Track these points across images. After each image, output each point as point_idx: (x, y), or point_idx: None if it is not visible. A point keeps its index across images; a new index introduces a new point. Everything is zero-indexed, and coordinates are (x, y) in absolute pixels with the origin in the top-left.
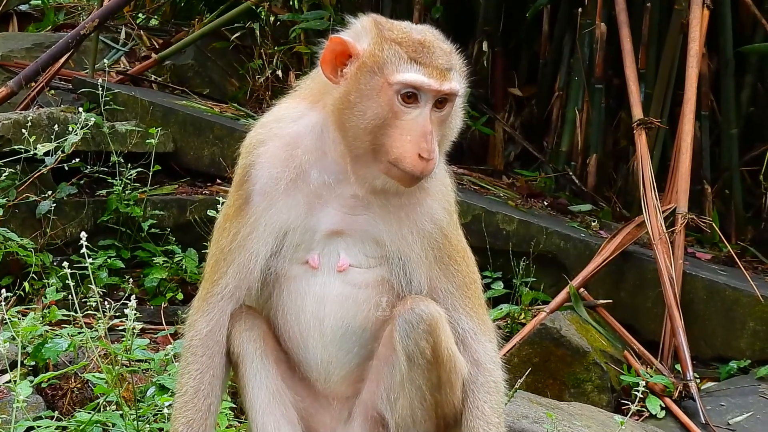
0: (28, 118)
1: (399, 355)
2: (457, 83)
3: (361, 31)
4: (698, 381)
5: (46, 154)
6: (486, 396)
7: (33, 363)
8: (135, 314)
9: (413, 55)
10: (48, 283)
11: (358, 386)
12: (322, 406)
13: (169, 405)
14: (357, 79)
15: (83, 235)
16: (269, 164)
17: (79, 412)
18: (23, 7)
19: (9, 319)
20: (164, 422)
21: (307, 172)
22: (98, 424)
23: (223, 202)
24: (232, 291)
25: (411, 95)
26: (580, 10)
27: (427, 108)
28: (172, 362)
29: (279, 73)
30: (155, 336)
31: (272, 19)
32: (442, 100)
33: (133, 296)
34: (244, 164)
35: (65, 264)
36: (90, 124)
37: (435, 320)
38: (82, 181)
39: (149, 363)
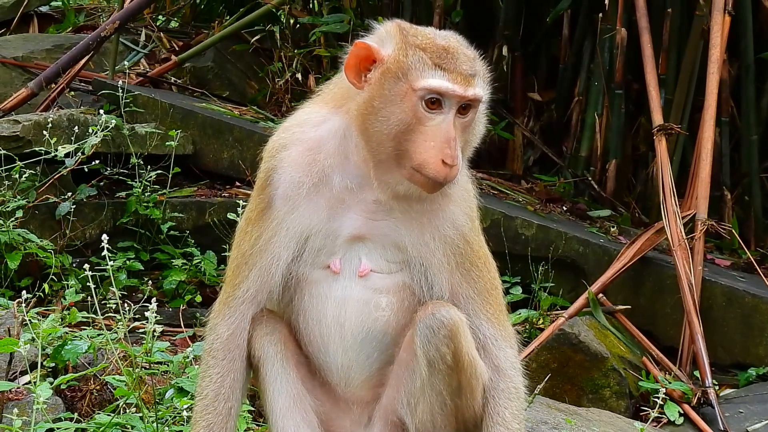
0: (49, 120)
1: (420, 360)
2: (481, 89)
3: (385, 36)
4: (717, 388)
5: (66, 155)
6: (507, 402)
7: (53, 365)
8: (155, 317)
9: (437, 61)
10: (67, 285)
11: (378, 391)
12: (342, 411)
13: (189, 407)
14: (381, 85)
15: (104, 237)
16: (292, 168)
17: (99, 414)
18: (44, 9)
19: (29, 320)
20: (183, 425)
21: (330, 176)
22: (117, 427)
23: (243, 205)
24: (254, 295)
25: (435, 101)
26: (600, 14)
27: (451, 114)
28: (191, 365)
29: (299, 76)
30: (174, 338)
31: (292, 22)
32: (465, 106)
33: (153, 298)
34: (266, 168)
35: (85, 266)
36: (110, 126)
37: (456, 326)
38: (101, 183)
39: (168, 365)
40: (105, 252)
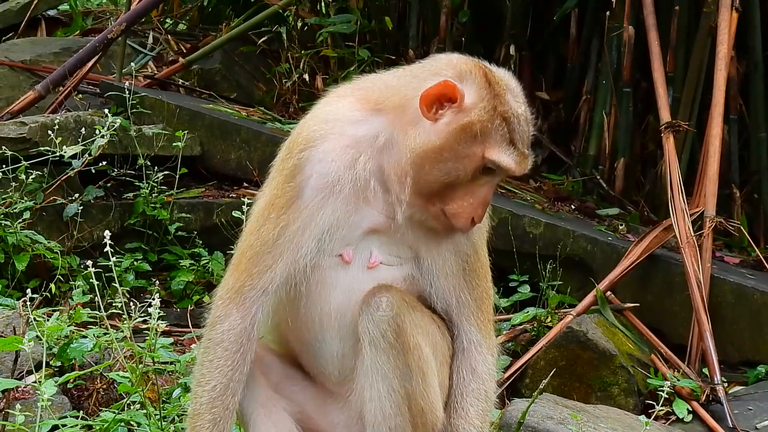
0: (56, 122)
1: (363, 340)
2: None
3: (467, 78)
4: (726, 385)
5: (73, 157)
6: (474, 401)
7: (59, 364)
8: (158, 313)
9: (513, 137)
10: (75, 285)
11: None
12: (335, 405)
13: None
14: (458, 139)
15: (107, 233)
16: (329, 161)
17: (104, 411)
18: (51, 12)
19: (35, 319)
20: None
21: (367, 180)
22: (123, 423)
23: (249, 203)
24: (278, 287)
25: (492, 169)
26: (607, 13)
27: (496, 181)
28: None
29: (306, 76)
30: (181, 338)
31: (299, 23)
32: None
33: (158, 297)
34: (300, 156)
35: (88, 262)
36: (116, 126)
37: (397, 306)
38: (109, 184)
39: (175, 365)
40: (108, 249)
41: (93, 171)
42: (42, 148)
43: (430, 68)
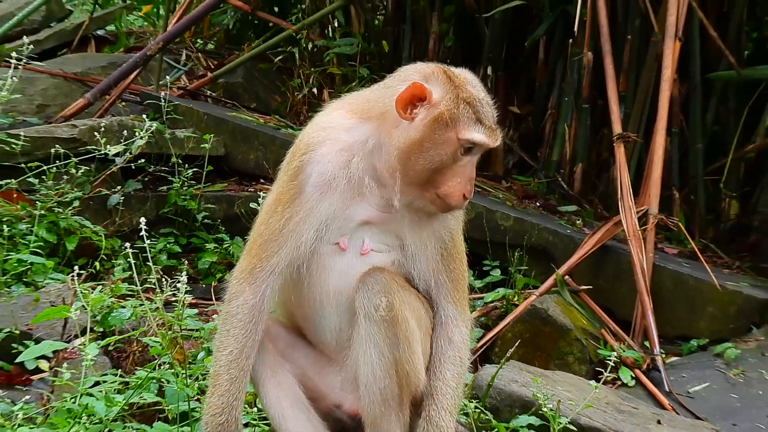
0: (102, 125)
1: (359, 313)
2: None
3: (432, 79)
4: (664, 356)
5: (116, 155)
6: (450, 366)
7: (101, 329)
8: (186, 288)
9: (479, 116)
10: (116, 264)
11: None
12: (333, 369)
13: None
14: (432, 129)
15: (143, 220)
16: (326, 162)
17: (139, 370)
18: (100, 32)
19: (81, 291)
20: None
21: (361, 177)
22: (154, 381)
23: (264, 197)
24: (282, 269)
25: (471, 148)
26: (570, 40)
27: (476, 157)
28: None
29: (315, 90)
30: (206, 309)
31: (310, 45)
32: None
33: (186, 275)
34: (301, 159)
35: (127, 244)
36: (153, 129)
37: (388, 285)
38: (146, 179)
39: (200, 332)
40: (144, 233)
41: (133, 167)
42: (90, 147)
43: (399, 78)
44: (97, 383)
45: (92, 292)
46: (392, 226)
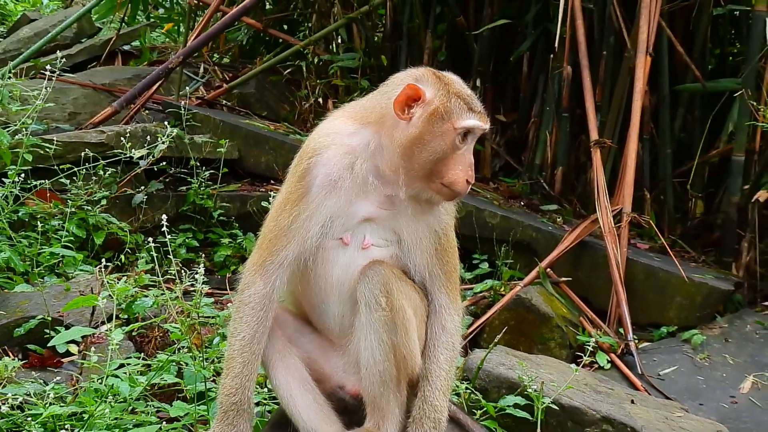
0: (127, 131)
1: (360, 302)
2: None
3: (423, 80)
4: (636, 341)
5: (140, 158)
6: (444, 351)
7: (126, 316)
8: (203, 279)
9: (470, 105)
10: (139, 257)
11: None
12: (336, 353)
13: None
14: (431, 123)
15: (164, 217)
16: (331, 165)
17: (160, 354)
18: (126, 47)
19: (108, 282)
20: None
21: (365, 177)
22: (174, 363)
23: (274, 197)
24: (291, 262)
25: (465, 135)
26: (551, 55)
27: (473, 144)
28: None
29: (320, 100)
30: (221, 298)
31: (315, 59)
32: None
33: (203, 267)
34: (308, 162)
35: (149, 239)
36: (174, 135)
37: (387, 277)
38: (167, 180)
39: (215, 319)
40: (165, 229)
41: (155, 169)
42: (116, 151)
43: (393, 83)
44: (121, 365)
45: (118, 283)
46: (391, 223)
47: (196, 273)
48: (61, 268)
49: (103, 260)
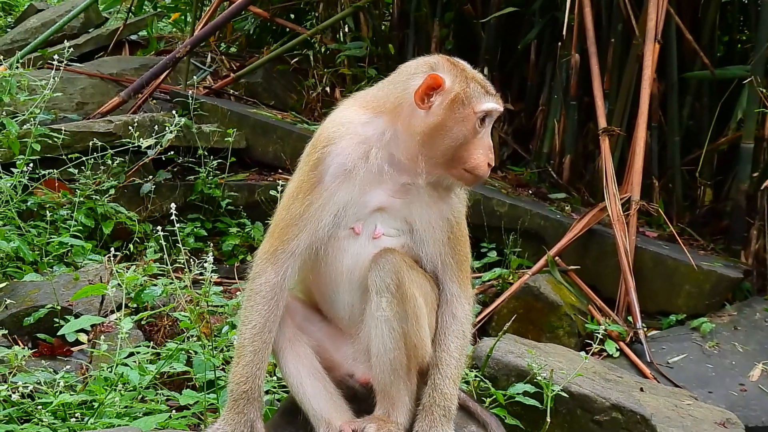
0: (135, 120)
1: (371, 290)
2: None
3: (440, 68)
4: (645, 329)
5: (148, 147)
6: (454, 339)
7: (135, 305)
8: (212, 268)
9: (486, 89)
10: (148, 246)
11: None
12: (346, 341)
13: None
14: (453, 110)
15: (173, 206)
16: (346, 154)
17: (169, 342)
18: (133, 37)
19: (117, 271)
20: (234, 352)
21: (378, 165)
22: (183, 352)
23: (283, 185)
24: (302, 251)
25: (484, 119)
26: (559, 43)
27: (490, 127)
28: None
29: (327, 89)
30: (229, 287)
31: (323, 48)
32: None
33: (212, 256)
34: (322, 151)
35: (158, 227)
36: (181, 124)
37: (398, 265)
38: (175, 169)
39: (224, 308)
40: (173, 218)
41: (163, 158)
42: (124, 140)
43: (407, 72)
44: (131, 354)
45: (127, 272)
46: (403, 212)
47: (205, 262)
48: (70, 258)
49: (112, 249)
